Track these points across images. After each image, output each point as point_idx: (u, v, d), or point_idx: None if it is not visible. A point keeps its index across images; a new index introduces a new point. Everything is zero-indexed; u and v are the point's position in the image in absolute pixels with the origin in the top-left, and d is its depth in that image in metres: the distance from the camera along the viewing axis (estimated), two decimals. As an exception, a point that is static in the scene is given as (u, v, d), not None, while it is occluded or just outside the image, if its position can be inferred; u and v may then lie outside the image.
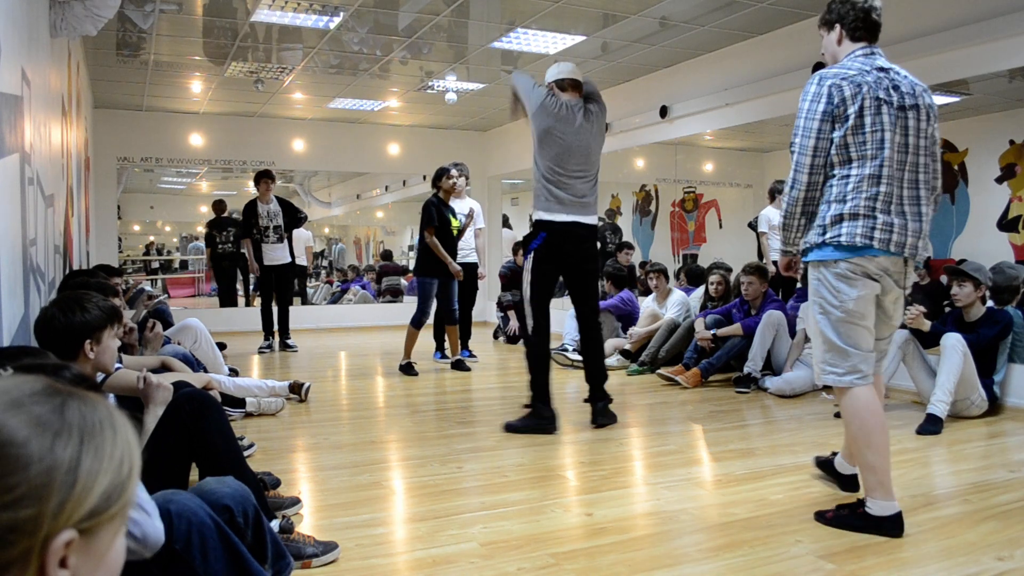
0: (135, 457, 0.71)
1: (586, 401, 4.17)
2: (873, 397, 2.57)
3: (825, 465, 3.09)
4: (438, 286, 6.02)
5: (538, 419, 3.98)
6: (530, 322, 4.03)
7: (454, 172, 6.09)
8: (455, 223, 6.15)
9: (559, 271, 4.11)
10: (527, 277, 4.01)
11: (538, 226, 4.04)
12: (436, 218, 5.95)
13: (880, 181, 2.45)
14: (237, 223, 8.84)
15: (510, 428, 3.99)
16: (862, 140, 2.45)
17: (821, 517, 2.63)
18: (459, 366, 6.14)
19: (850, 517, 2.56)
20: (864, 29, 2.61)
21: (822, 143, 2.49)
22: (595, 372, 4.15)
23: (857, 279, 2.49)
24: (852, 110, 2.45)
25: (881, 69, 2.55)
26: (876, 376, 2.66)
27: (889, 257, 2.48)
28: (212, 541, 1.58)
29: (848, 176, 2.47)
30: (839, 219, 2.47)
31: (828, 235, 2.49)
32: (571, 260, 4.06)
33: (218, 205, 9.63)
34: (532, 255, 4.02)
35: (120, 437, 0.71)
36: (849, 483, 2.93)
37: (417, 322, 5.99)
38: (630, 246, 8.58)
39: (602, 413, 4.09)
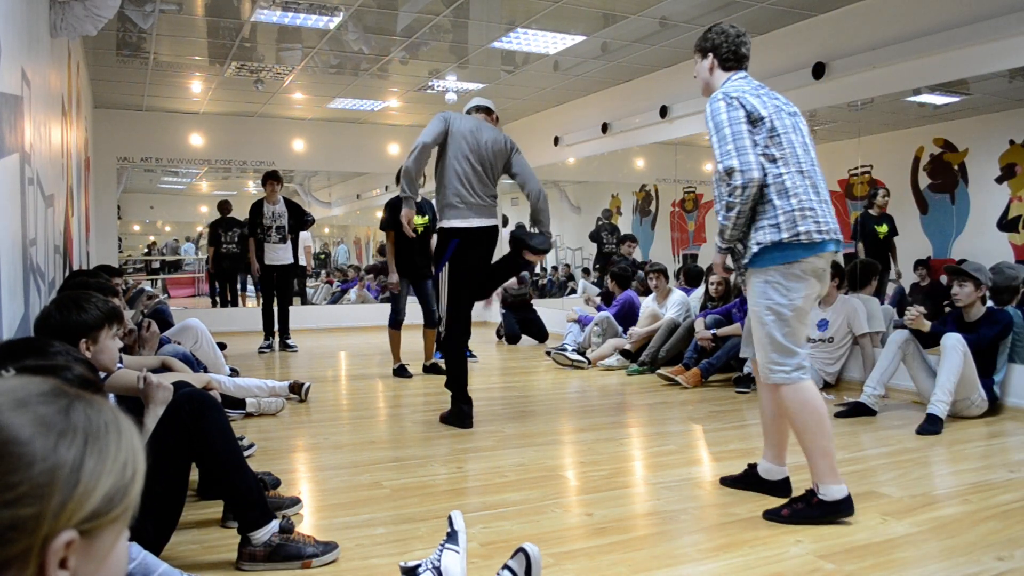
0: (139, 461, 0.72)
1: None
2: (815, 387, 2.70)
3: (744, 480, 2.98)
4: (413, 287, 5.98)
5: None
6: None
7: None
8: (417, 220, 5.83)
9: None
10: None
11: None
12: (391, 220, 5.84)
13: (805, 176, 2.62)
14: (242, 223, 8.86)
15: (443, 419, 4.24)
16: (779, 142, 2.62)
17: (775, 516, 2.64)
18: (432, 369, 5.98)
19: (807, 509, 2.61)
20: (734, 59, 2.85)
21: (752, 142, 2.60)
22: None
23: (806, 277, 2.61)
24: (764, 115, 2.62)
25: (759, 86, 2.78)
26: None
27: (834, 249, 2.65)
28: None
29: (782, 175, 2.60)
30: (793, 215, 2.57)
31: (787, 234, 2.57)
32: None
33: (223, 205, 9.63)
34: None
35: (125, 441, 0.71)
36: (781, 488, 2.86)
37: (393, 323, 5.97)
38: (633, 238, 8.69)
39: None
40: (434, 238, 5.94)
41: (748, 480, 2.96)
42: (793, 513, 2.61)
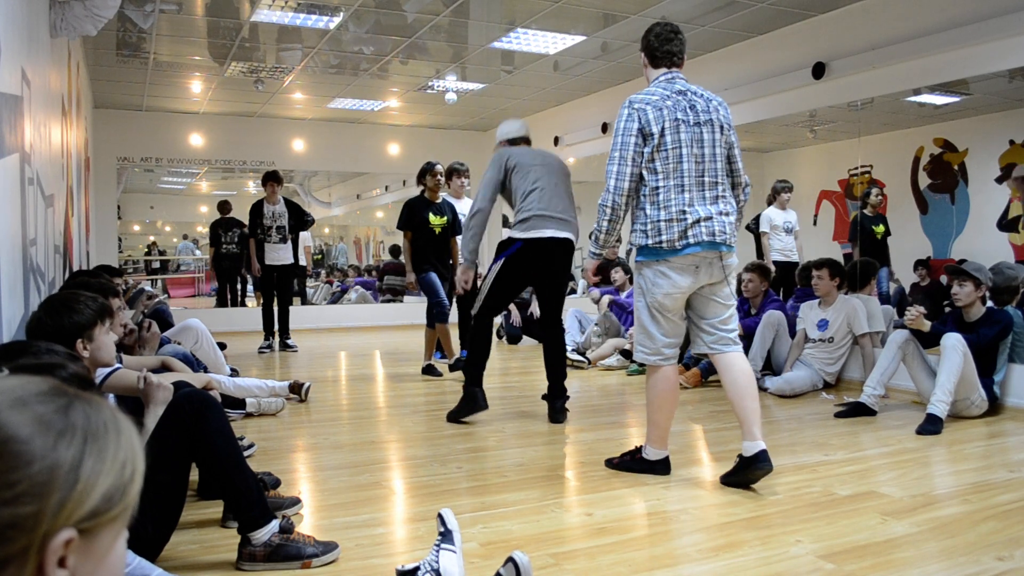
0: (138, 461, 0.72)
1: (544, 398, 4.37)
2: (673, 374, 3.11)
3: (739, 471, 2.97)
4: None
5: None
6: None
7: (439, 168, 5.86)
8: (436, 221, 5.80)
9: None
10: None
11: None
12: (408, 220, 5.77)
13: (684, 189, 2.92)
14: (242, 223, 8.88)
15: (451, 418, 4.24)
16: (665, 156, 2.91)
17: (609, 463, 3.23)
18: (428, 371, 5.89)
19: (631, 462, 3.18)
20: (662, 54, 3.08)
21: (637, 155, 2.93)
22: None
23: (670, 277, 2.96)
24: (656, 130, 2.90)
25: (680, 92, 3.00)
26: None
27: (704, 249, 2.92)
28: None
29: (658, 188, 2.93)
30: (659, 225, 2.92)
31: (651, 240, 2.93)
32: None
33: (223, 206, 9.64)
34: None
35: (124, 440, 0.71)
36: (759, 460, 2.89)
37: (441, 317, 5.73)
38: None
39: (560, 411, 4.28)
40: (456, 240, 5.93)
41: (742, 468, 2.97)
42: (622, 463, 3.20)
